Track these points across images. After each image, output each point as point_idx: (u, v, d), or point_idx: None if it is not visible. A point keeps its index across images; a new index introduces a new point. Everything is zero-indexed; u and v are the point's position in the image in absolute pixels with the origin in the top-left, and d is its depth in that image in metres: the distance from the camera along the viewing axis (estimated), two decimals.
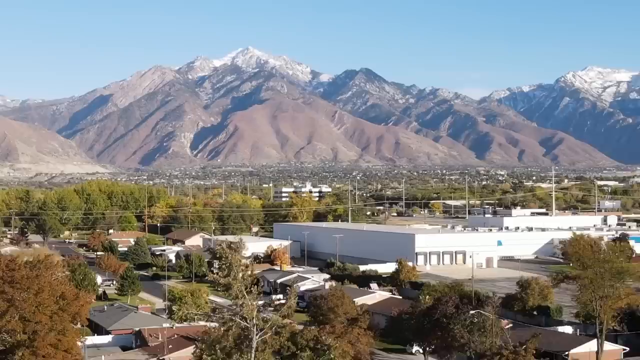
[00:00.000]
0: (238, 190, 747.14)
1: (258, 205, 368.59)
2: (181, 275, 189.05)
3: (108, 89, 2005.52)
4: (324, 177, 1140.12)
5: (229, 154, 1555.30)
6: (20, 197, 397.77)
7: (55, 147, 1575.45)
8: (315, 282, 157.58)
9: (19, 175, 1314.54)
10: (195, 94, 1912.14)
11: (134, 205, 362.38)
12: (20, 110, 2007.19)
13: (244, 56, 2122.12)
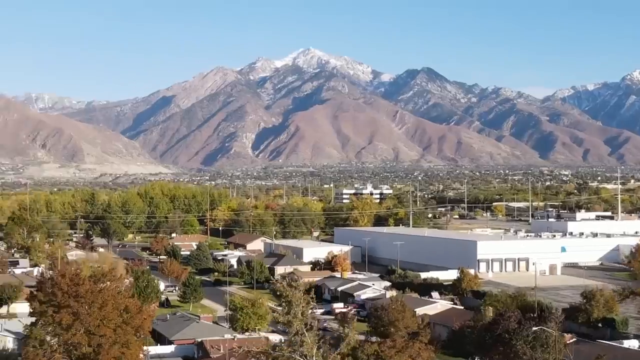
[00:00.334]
0: (299, 191, 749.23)
1: (319, 208, 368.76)
2: (242, 281, 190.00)
3: (171, 90, 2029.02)
4: (385, 177, 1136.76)
5: (290, 154, 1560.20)
6: (86, 199, 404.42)
7: (119, 148, 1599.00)
8: (376, 291, 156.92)
9: (84, 176, 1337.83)
10: (256, 95, 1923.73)
11: (196, 208, 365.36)
12: (86, 111, 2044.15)
13: (305, 57, 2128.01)
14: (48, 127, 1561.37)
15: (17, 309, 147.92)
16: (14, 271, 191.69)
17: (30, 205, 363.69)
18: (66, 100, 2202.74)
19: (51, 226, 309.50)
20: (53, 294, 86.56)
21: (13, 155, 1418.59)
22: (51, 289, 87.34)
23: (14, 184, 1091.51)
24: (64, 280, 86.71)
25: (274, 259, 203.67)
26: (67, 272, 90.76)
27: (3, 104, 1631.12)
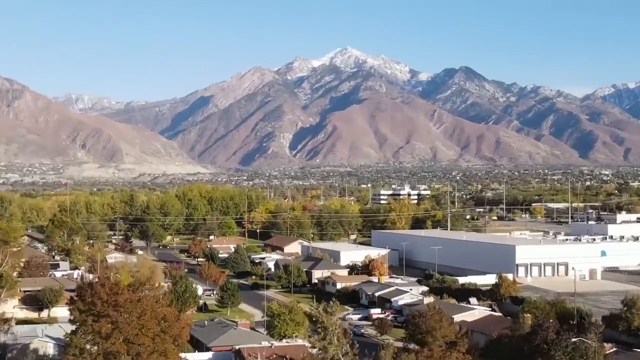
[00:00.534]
0: (336, 191, 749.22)
1: (356, 210, 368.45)
2: (280, 285, 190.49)
3: (209, 90, 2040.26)
4: (422, 177, 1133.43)
5: (327, 154, 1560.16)
6: (125, 200, 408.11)
7: (157, 148, 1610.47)
8: (414, 296, 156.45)
9: (123, 176, 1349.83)
10: (294, 95, 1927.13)
11: (233, 210, 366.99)
12: (125, 112, 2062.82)
13: (342, 56, 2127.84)
14: (88, 128, 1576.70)
15: (58, 313, 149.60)
16: (55, 274, 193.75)
17: (70, 207, 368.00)
18: (105, 100, 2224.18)
19: (91, 228, 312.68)
20: (92, 303, 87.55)
21: (54, 155, 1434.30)
22: (91, 298, 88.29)
23: (55, 184, 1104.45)
24: (104, 289, 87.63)
25: (311, 263, 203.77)
26: (106, 281, 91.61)
27: (44, 105, 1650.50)
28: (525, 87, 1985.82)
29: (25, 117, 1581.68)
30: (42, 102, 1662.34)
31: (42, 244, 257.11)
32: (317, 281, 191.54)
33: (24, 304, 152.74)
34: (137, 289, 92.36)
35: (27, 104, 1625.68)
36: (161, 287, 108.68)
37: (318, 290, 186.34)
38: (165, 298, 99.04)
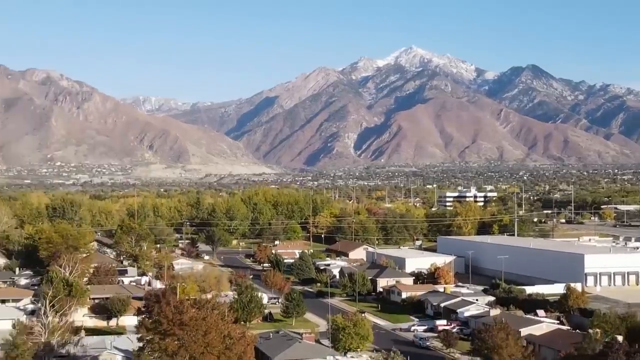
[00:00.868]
0: (401, 192, 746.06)
1: (421, 214, 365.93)
2: (345, 293, 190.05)
3: (274, 91, 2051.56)
4: (489, 177, 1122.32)
5: (392, 154, 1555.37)
6: (191, 204, 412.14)
7: (223, 149, 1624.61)
8: (480, 308, 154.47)
9: (189, 176, 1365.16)
10: (358, 95, 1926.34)
11: (298, 214, 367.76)
12: (191, 112, 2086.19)
13: (407, 55, 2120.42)
14: (155, 129, 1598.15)
15: (126, 322, 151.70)
16: (123, 280, 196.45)
17: (137, 210, 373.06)
18: (172, 101, 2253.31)
19: (158, 232, 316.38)
20: (159, 322, 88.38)
21: (122, 156, 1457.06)
22: (157, 317, 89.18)
23: (123, 184, 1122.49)
24: (169, 308, 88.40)
25: (376, 271, 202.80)
26: (172, 299, 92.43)
27: (112, 107, 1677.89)
28: (594, 85, 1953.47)
29: (95, 119, 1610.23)
30: (111, 103, 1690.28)
31: (110, 249, 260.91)
32: (382, 290, 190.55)
33: (93, 312, 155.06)
34: (202, 307, 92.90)
35: (96, 105, 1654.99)
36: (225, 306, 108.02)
37: (383, 299, 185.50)
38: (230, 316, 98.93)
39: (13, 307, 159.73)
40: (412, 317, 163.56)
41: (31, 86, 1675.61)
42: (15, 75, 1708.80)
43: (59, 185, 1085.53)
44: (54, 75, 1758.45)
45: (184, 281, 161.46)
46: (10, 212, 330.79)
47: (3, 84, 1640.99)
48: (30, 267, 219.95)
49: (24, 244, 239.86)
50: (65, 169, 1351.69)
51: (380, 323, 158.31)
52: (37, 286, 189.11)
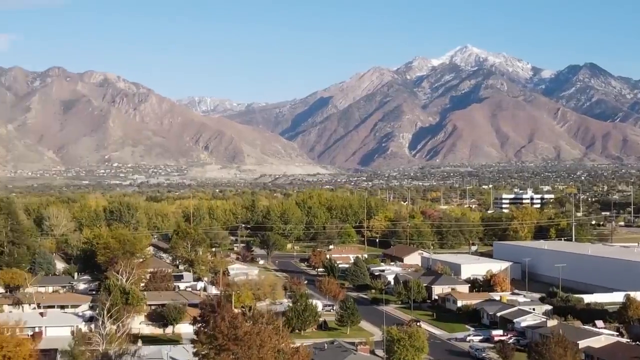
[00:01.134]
0: (457, 193, 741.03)
1: (477, 218, 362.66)
2: (400, 300, 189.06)
3: (328, 91, 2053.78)
4: (546, 177, 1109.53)
5: (447, 154, 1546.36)
6: (246, 206, 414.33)
7: (278, 149, 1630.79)
8: (537, 318, 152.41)
9: (244, 177, 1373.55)
10: (413, 94, 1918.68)
11: (353, 217, 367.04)
12: (246, 113, 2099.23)
13: (463, 54, 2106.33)
14: (210, 130, 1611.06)
15: (182, 329, 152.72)
16: (179, 286, 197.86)
17: (193, 213, 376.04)
18: (227, 102, 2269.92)
19: (213, 235, 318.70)
20: (214, 337, 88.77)
21: (177, 157, 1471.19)
22: (212, 331, 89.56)
23: (179, 185, 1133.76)
24: (224, 323, 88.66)
25: (431, 277, 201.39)
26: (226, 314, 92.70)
27: (168, 108, 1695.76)
28: None
29: (151, 120, 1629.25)
30: (167, 105, 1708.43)
31: (166, 254, 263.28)
32: (438, 297, 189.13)
33: (149, 320, 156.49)
34: (257, 321, 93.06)
35: (153, 107, 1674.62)
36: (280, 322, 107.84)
37: (438, 307, 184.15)
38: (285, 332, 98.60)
39: (72, 314, 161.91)
40: (468, 327, 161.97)
41: (89, 88, 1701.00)
42: (73, 77, 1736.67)
43: (116, 185, 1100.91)
44: (111, 77, 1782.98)
45: (239, 289, 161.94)
46: (69, 215, 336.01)
47: (62, 86, 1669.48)
48: (88, 272, 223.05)
49: (82, 248, 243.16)
50: (122, 169, 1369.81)
51: (436, 332, 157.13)
52: (95, 291, 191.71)
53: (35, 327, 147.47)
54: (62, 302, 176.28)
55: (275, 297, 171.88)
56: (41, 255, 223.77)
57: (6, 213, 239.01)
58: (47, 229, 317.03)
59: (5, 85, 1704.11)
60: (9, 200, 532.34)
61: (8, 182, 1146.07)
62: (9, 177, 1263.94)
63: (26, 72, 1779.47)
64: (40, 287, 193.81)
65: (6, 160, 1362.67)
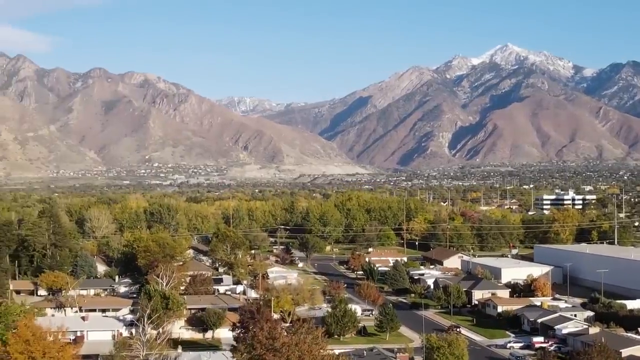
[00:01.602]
0: (497, 193, 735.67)
1: (517, 220, 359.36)
2: (439, 305, 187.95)
3: (367, 91, 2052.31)
4: (587, 177, 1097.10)
5: (487, 154, 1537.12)
6: (286, 207, 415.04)
7: (317, 149, 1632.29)
8: (578, 325, 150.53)
9: (284, 177, 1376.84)
10: (453, 93, 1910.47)
11: (392, 219, 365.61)
12: (285, 113, 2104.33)
13: (503, 53, 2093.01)
14: (249, 130, 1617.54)
15: (221, 334, 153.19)
16: (218, 289, 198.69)
17: (232, 214, 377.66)
18: (266, 102, 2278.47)
19: (253, 237, 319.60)
20: (252, 346, 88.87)
21: (217, 157, 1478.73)
22: (250, 340, 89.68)
23: (218, 185, 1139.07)
24: (262, 333, 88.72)
25: (471, 282, 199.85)
26: (264, 325, 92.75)
27: (208, 108, 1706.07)
28: None
29: (191, 120, 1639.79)
30: (206, 105, 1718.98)
31: (206, 256, 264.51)
32: (478, 302, 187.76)
33: (189, 324, 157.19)
34: (296, 331, 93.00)
35: (192, 107, 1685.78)
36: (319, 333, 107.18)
37: (478, 312, 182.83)
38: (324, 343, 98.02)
39: (113, 318, 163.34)
40: (508, 333, 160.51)
41: (130, 89, 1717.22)
42: (114, 78, 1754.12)
43: (156, 186, 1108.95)
44: (151, 77, 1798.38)
45: (278, 294, 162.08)
46: (110, 216, 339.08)
47: (103, 87, 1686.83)
48: (129, 275, 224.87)
49: (122, 251, 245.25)
50: (162, 169, 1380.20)
51: (476, 338, 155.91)
52: (135, 294, 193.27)
53: (77, 332, 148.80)
54: (103, 305, 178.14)
55: (315, 302, 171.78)
56: (83, 258, 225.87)
57: (49, 216, 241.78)
58: (88, 231, 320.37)
59: (48, 86, 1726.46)
60: (51, 200, 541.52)
61: (50, 182, 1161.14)
62: (52, 177, 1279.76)
63: (68, 73, 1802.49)
64: (82, 290, 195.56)
65: (49, 161, 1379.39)
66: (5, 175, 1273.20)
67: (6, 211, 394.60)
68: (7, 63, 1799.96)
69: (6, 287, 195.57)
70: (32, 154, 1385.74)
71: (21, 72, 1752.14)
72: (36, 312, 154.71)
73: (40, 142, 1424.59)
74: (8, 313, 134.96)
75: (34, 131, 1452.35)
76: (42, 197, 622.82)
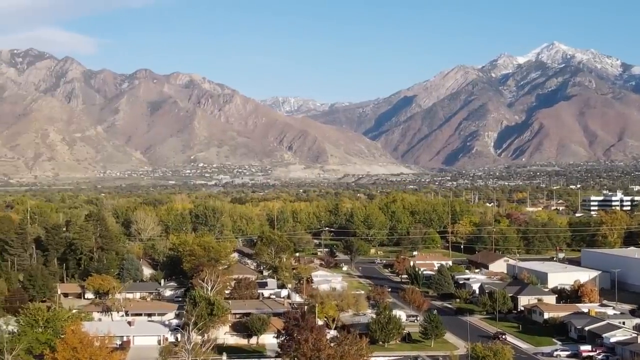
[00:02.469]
0: (543, 193, 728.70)
1: (564, 223, 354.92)
2: (485, 311, 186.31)
3: (412, 90, 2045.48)
4: (636, 176, 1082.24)
5: (533, 153, 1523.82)
6: (330, 209, 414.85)
7: (361, 149, 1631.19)
8: (627, 333, 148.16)
9: (328, 177, 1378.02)
10: (498, 92, 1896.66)
11: (437, 221, 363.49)
12: (329, 113, 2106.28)
13: (549, 51, 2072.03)
14: (293, 130, 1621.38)
15: (266, 340, 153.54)
16: (263, 293, 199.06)
17: (277, 216, 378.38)
18: (310, 102, 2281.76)
19: (297, 240, 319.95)
20: (297, 358, 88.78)
21: (262, 157, 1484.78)
22: (295, 353, 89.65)
23: (263, 185, 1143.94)
24: (307, 345, 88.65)
25: (517, 288, 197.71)
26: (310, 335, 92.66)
27: (252, 108, 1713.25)
28: None
29: (235, 120, 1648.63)
30: (251, 105, 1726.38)
31: (250, 260, 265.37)
32: (524, 309, 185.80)
33: (234, 330, 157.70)
34: (341, 343, 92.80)
35: (237, 107, 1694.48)
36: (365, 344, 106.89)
37: (524, 318, 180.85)
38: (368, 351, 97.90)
39: (158, 322, 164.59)
40: (555, 340, 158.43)
41: (175, 89, 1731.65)
42: (160, 79, 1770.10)
43: (201, 186, 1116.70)
44: (196, 78, 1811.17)
45: (322, 300, 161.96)
46: (155, 218, 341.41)
47: (149, 88, 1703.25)
48: (174, 278, 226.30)
49: (168, 254, 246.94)
50: (207, 169, 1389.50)
51: (521, 346, 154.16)
52: (180, 298, 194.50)
53: (123, 337, 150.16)
54: (149, 310, 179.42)
55: (359, 308, 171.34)
56: (129, 261, 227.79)
57: (96, 219, 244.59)
58: (134, 233, 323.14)
59: (95, 87, 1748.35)
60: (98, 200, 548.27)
61: (97, 183, 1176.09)
62: (99, 177, 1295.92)
63: (114, 74, 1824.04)
64: (128, 294, 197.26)
65: (96, 161, 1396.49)
66: (54, 175, 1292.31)
67: (54, 212, 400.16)
68: (55, 65, 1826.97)
69: (54, 290, 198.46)
70: (80, 154, 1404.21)
71: (69, 73, 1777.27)
72: (83, 316, 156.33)
73: (87, 143, 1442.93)
74: (56, 318, 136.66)
75: (81, 132, 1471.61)
76: (89, 198, 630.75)
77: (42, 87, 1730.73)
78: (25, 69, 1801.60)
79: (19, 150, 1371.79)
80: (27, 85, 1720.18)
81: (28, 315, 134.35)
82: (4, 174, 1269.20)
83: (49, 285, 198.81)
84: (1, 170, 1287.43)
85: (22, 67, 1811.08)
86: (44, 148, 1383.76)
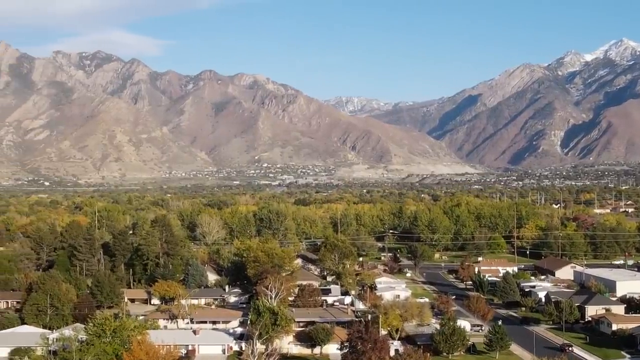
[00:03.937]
0: (611, 194, 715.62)
1: (633, 227, 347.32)
2: (551, 320, 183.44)
3: (476, 89, 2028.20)
4: None
5: (601, 152, 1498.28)
6: (394, 212, 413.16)
7: (425, 148, 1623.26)
8: None
9: (391, 177, 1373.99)
10: (565, 91, 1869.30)
11: (502, 225, 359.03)
12: (393, 113, 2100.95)
13: (618, 48, 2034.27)
14: (357, 129, 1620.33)
15: (330, 350, 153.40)
16: (326, 300, 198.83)
17: (340, 219, 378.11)
18: (374, 102, 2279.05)
19: (360, 244, 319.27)
20: None
21: (325, 157, 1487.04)
22: None
23: (326, 185, 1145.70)
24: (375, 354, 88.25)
25: (584, 297, 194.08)
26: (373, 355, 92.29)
27: (316, 108, 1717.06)
28: None
29: (299, 121, 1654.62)
30: (314, 105, 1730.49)
31: (314, 265, 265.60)
32: (591, 319, 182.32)
33: (298, 340, 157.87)
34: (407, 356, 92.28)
35: (301, 108, 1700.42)
36: None
37: (592, 329, 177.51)
38: None
39: (223, 331, 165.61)
40: (624, 353, 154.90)
41: (239, 90, 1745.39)
42: (224, 80, 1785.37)
43: (265, 186, 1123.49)
44: (260, 79, 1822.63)
45: (386, 310, 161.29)
46: (220, 221, 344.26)
47: (213, 89, 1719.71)
48: (239, 284, 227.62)
49: (232, 260, 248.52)
50: (271, 170, 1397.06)
51: (588, 358, 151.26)
52: (245, 305, 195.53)
53: (188, 345, 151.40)
54: (214, 317, 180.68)
55: (423, 318, 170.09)
56: (194, 267, 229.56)
57: (161, 225, 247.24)
58: (199, 236, 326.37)
59: (161, 89, 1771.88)
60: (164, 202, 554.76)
61: (163, 183, 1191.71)
62: (164, 177, 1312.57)
63: (179, 75, 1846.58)
64: (193, 300, 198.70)
65: (161, 162, 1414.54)
66: (121, 176, 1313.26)
67: (121, 215, 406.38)
68: (122, 67, 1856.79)
69: (121, 296, 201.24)
70: (146, 155, 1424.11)
71: (135, 75, 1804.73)
72: (149, 325, 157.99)
73: (153, 144, 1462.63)
74: (123, 328, 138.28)
75: (147, 133, 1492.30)
76: (155, 199, 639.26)
77: (109, 89, 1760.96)
78: (93, 72, 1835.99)
79: (87, 151, 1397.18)
80: (94, 87, 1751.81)
81: (96, 325, 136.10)
82: (72, 175, 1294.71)
83: (116, 291, 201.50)
84: (70, 171, 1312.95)
85: (90, 70, 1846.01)
86: (111, 149, 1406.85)
